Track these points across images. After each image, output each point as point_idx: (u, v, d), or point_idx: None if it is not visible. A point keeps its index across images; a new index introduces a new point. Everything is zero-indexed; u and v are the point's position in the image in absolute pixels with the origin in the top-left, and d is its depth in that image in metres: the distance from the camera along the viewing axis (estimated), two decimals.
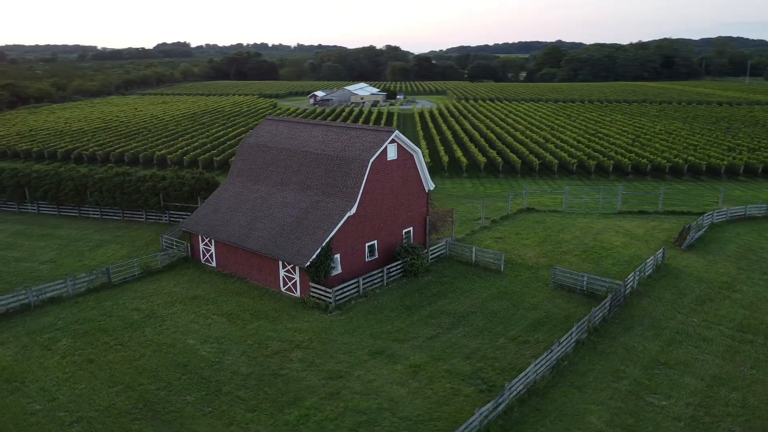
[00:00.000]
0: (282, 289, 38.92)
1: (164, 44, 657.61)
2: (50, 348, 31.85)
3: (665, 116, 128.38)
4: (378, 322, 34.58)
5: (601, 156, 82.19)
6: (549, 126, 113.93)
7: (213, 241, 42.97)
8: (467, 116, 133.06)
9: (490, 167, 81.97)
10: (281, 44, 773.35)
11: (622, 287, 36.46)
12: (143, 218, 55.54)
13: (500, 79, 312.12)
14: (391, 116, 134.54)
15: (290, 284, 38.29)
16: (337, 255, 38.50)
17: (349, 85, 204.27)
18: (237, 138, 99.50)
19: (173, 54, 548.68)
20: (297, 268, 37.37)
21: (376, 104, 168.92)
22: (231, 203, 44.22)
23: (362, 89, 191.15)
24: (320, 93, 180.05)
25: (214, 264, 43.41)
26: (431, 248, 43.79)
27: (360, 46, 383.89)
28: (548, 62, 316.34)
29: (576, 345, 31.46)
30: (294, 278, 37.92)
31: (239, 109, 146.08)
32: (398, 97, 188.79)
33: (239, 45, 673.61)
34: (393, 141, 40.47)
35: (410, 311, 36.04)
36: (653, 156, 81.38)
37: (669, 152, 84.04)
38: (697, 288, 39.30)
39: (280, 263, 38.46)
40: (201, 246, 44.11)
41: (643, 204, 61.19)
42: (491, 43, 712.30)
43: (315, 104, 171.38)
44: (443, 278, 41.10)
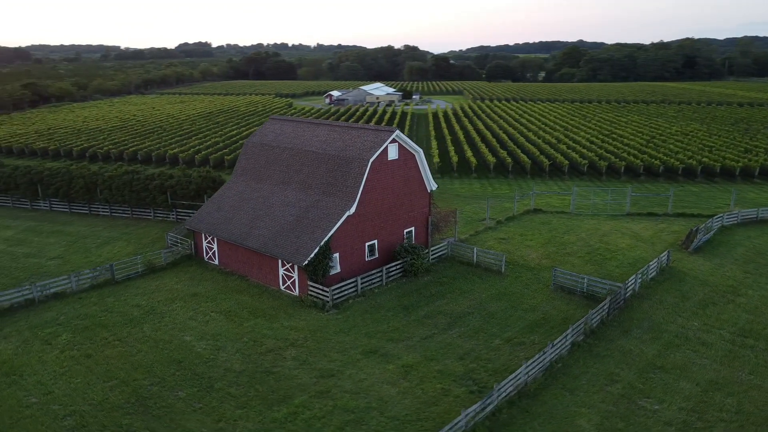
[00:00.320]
0: (281, 288, 39.16)
1: (186, 44, 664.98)
2: (50, 342, 32.43)
3: (683, 117, 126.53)
4: (374, 322, 34.62)
5: (613, 157, 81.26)
6: (563, 126, 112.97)
7: (215, 239, 43.38)
8: (481, 116, 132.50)
9: (500, 168, 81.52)
10: (301, 44, 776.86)
11: (622, 290, 36.05)
12: (151, 216, 56.25)
13: (518, 80, 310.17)
14: (405, 116, 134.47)
15: (289, 283, 38.51)
16: (336, 254, 38.61)
17: (365, 85, 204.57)
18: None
19: (194, 54, 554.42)
20: (296, 267, 37.58)
21: (391, 104, 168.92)
22: (234, 202, 44.59)
23: (378, 89, 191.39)
24: (336, 93, 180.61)
25: (217, 262, 43.81)
26: (432, 248, 43.70)
27: (379, 46, 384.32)
28: (567, 62, 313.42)
29: (571, 347, 31.18)
30: (293, 277, 38.13)
31: (254, 109, 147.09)
32: (414, 97, 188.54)
33: (259, 45, 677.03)
34: (394, 141, 40.47)
35: (407, 311, 36.02)
36: (666, 157, 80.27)
37: (683, 153, 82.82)
38: (701, 291, 38.70)
39: (280, 262, 38.70)
40: (204, 244, 44.56)
41: (653, 206, 60.38)
42: (511, 43, 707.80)
43: (330, 104, 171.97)
44: (443, 278, 40.99)
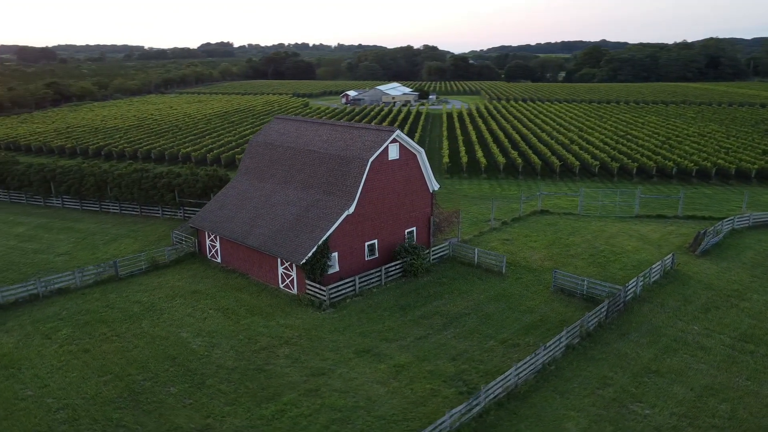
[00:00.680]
0: (280, 286, 39.39)
1: (208, 44, 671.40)
2: (50, 337, 33.03)
3: (702, 118, 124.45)
4: (369, 321, 34.66)
5: (625, 158, 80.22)
6: (578, 127, 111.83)
7: (218, 238, 43.78)
8: (495, 117, 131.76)
9: (510, 168, 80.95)
10: (322, 44, 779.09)
11: (622, 292, 35.60)
12: (159, 214, 56.94)
13: (538, 80, 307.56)
14: (419, 116, 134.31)
15: (288, 281, 38.73)
16: (335, 253, 38.72)
17: (382, 85, 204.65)
18: None
19: (216, 54, 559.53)
20: (294, 266, 37.78)
21: (407, 104, 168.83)
22: (236, 200, 44.96)
23: (394, 89, 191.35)
24: (352, 92, 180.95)
25: (219, 260, 44.21)
26: (434, 249, 43.58)
27: (399, 46, 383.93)
28: (588, 62, 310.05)
29: (566, 350, 30.91)
30: (291, 275, 38.34)
31: (270, 108, 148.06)
32: (430, 98, 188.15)
33: (280, 45, 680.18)
34: (394, 141, 40.45)
35: (404, 311, 35.99)
36: (681, 159, 79.05)
37: (698, 155, 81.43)
38: (704, 295, 38.06)
39: (279, 260, 38.94)
40: (207, 242, 44.99)
41: (664, 208, 59.53)
42: (533, 43, 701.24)
43: (346, 104, 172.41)
44: (443, 279, 40.87)
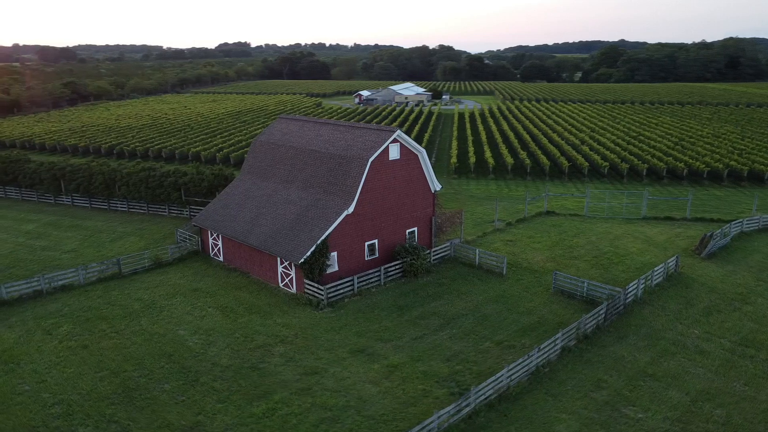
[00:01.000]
0: (280, 285, 39.58)
1: (225, 44, 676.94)
2: (51, 333, 33.51)
3: (717, 119, 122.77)
4: (366, 321, 34.69)
5: (636, 159, 79.39)
6: (590, 128, 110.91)
7: (220, 236, 44.09)
8: (507, 117, 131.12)
9: (519, 169, 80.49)
10: (338, 44, 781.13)
11: (622, 295, 35.25)
12: (166, 212, 57.49)
13: (554, 80, 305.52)
14: (431, 116, 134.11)
15: (287, 280, 38.90)
16: (334, 253, 38.80)
17: (395, 85, 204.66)
18: None
19: (232, 54, 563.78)
20: (293, 265, 37.93)
21: (420, 104, 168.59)
22: (239, 199, 45.25)
23: (407, 89, 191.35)
24: (365, 92, 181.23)
25: (221, 258, 44.53)
26: (435, 249, 43.50)
27: (414, 46, 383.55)
28: (605, 62, 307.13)
29: (561, 352, 30.68)
30: (291, 274, 38.50)
31: (283, 108, 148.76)
32: (443, 98, 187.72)
33: (297, 45, 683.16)
34: (395, 141, 40.44)
35: (401, 311, 35.97)
36: (692, 160, 78.04)
37: (710, 156, 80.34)
38: (707, 299, 37.55)
39: (278, 259, 39.12)
40: (210, 240, 45.34)
41: (672, 209, 58.84)
42: (550, 43, 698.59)
43: (359, 104, 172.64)
44: (443, 279, 40.77)
